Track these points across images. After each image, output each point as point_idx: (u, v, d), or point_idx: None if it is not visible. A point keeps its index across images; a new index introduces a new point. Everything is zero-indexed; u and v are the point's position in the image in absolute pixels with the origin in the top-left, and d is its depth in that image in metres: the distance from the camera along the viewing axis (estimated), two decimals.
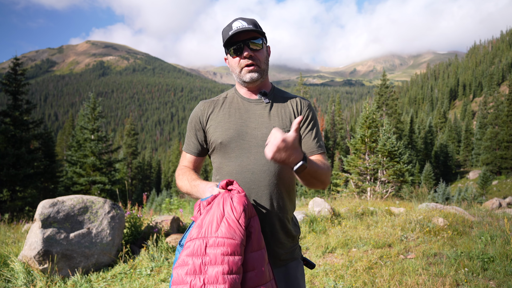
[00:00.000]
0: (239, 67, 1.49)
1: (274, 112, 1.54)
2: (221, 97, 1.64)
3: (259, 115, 1.53)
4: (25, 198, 15.13)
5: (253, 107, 1.55)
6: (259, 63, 1.49)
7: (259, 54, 1.48)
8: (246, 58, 1.47)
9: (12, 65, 16.37)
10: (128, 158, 35.88)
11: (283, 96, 1.61)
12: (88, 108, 19.02)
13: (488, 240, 4.26)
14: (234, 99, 1.60)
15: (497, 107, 49.23)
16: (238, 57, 1.48)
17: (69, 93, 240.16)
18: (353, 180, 15.22)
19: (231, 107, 1.58)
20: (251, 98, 1.57)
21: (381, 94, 40.11)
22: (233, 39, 1.46)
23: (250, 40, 1.46)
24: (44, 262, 3.71)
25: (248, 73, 1.48)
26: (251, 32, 1.46)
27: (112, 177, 18.14)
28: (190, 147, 1.62)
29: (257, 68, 1.49)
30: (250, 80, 1.49)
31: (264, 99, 1.55)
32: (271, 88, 1.64)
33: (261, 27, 1.54)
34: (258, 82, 1.53)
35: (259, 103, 1.56)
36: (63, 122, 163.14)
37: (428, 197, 12.80)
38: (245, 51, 1.46)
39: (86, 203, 4.25)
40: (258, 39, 1.48)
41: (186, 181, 1.50)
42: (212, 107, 1.60)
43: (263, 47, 1.50)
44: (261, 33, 1.51)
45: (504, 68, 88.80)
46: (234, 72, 1.54)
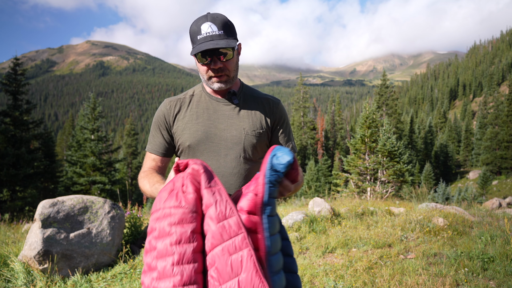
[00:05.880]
0: (207, 75, 1.40)
1: (244, 113, 1.47)
2: (187, 94, 1.53)
3: (228, 116, 1.46)
4: (25, 198, 15.13)
5: (221, 107, 1.47)
6: (229, 73, 1.39)
7: (229, 64, 1.38)
8: (215, 70, 1.37)
9: (12, 65, 16.37)
10: (128, 158, 35.90)
11: (253, 95, 1.53)
12: (88, 108, 19.02)
13: (488, 240, 4.26)
14: (202, 98, 1.50)
15: (497, 107, 49.23)
16: (206, 66, 1.37)
17: (69, 93, 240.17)
18: (353, 180, 15.22)
19: (199, 106, 1.48)
20: (219, 98, 1.49)
21: (381, 94, 40.11)
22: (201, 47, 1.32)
23: (221, 49, 1.33)
24: (44, 262, 3.71)
25: (217, 83, 1.40)
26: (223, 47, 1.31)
27: (112, 177, 18.14)
28: (155, 146, 1.50)
29: (226, 78, 1.40)
30: (219, 89, 1.42)
31: (234, 99, 1.48)
32: (240, 86, 1.54)
33: (232, 25, 1.38)
34: (227, 88, 1.45)
35: (228, 104, 1.48)
36: (63, 122, 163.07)
37: (428, 197, 12.80)
38: (214, 63, 1.34)
39: (86, 203, 4.25)
40: (230, 49, 1.35)
41: (147, 185, 1.38)
42: (178, 107, 1.49)
43: (234, 55, 1.37)
44: (233, 39, 1.36)
45: (504, 68, 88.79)
46: (201, 76, 1.44)
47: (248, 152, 1.45)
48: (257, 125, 1.47)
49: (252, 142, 1.46)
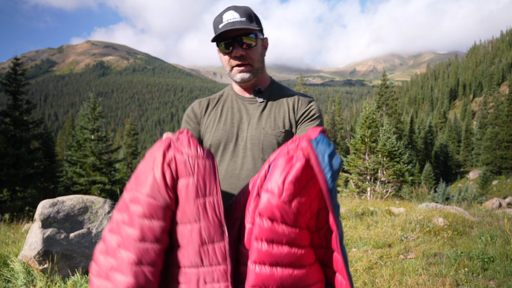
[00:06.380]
0: (229, 65, 1.36)
1: (267, 113, 1.40)
2: (217, 94, 1.51)
3: (251, 115, 1.40)
4: (25, 198, 15.13)
5: (246, 106, 1.42)
6: (252, 62, 1.34)
7: (252, 52, 1.33)
8: (237, 58, 1.32)
9: (12, 65, 16.37)
10: (128, 158, 35.89)
11: (281, 93, 1.45)
12: (88, 108, 19.02)
13: (488, 240, 4.26)
14: (229, 97, 1.47)
15: (497, 107, 49.23)
16: (227, 55, 1.34)
17: (69, 93, 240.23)
18: (353, 180, 15.22)
19: (224, 106, 1.45)
20: (244, 96, 1.44)
21: (381, 94, 40.10)
22: (223, 33, 1.29)
23: (242, 36, 1.29)
24: (44, 262, 3.71)
25: (239, 73, 1.35)
26: (244, 28, 1.28)
27: (112, 177, 18.14)
28: None
29: (249, 67, 1.34)
30: (241, 81, 1.36)
31: (258, 98, 1.42)
32: (269, 84, 1.48)
33: (257, 17, 1.37)
34: (252, 81, 1.39)
35: (252, 102, 1.42)
36: (63, 122, 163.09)
37: (428, 197, 12.80)
38: (235, 50, 1.30)
39: (86, 203, 4.25)
40: (251, 34, 1.31)
41: None
42: (206, 106, 1.47)
43: (257, 43, 1.33)
44: (256, 28, 1.32)
45: (504, 68, 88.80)
46: (225, 69, 1.40)
47: (268, 154, 1.35)
48: (279, 124, 1.37)
49: (272, 143, 1.36)
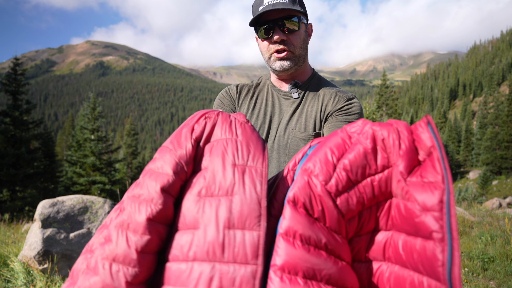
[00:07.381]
0: (268, 52, 1.23)
1: (299, 112, 1.26)
2: (255, 81, 1.39)
3: (284, 113, 1.27)
4: (25, 198, 15.14)
5: (280, 101, 1.29)
6: (293, 49, 1.20)
7: (293, 38, 1.20)
8: (277, 43, 1.19)
9: (12, 65, 16.39)
10: (128, 158, 35.89)
11: (319, 88, 1.29)
12: (88, 108, 19.03)
13: (488, 240, 4.26)
14: (265, 87, 1.35)
15: (497, 107, 49.23)
16: (267, 41, 1.22)
17: (69, 93, 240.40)
18: None
19: (259, 96, 1.33)
20: (281, 89, 1.31)
21: (381, 94, 40.12)
22: (262, 17, 1.18)
23: (284, 20, 1.17)
24: (44, 262, 3.71)
25: (278, 60, 1.21)
26: (287, 9, 1.15)
27: (112, 177, 18.15)
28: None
29: (290, 54, 1.21)
30: (281, 69, 1.23)
31: (294, 92, 1.27)
32: (310, 76, 1.33)
33: (302, 1, 1.23)
34: (291, 71, 1.26)
35: (287, 97, 1.29)
36: (63, 122, 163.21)
37: None
38: (275, 34, 1.17)
39: (86, 203, 4.25)
40: (294, 18, 1.18)
41: None
42: (244, 91, 1.35)
43: (300, 28, 1.20)
44: (300, 10, 1.18)
45: (504, 68, 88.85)
46: (263, 56, 1.27)
47: None
48: (309, 126, 1.23)
49: (299, 147, 1.20)
